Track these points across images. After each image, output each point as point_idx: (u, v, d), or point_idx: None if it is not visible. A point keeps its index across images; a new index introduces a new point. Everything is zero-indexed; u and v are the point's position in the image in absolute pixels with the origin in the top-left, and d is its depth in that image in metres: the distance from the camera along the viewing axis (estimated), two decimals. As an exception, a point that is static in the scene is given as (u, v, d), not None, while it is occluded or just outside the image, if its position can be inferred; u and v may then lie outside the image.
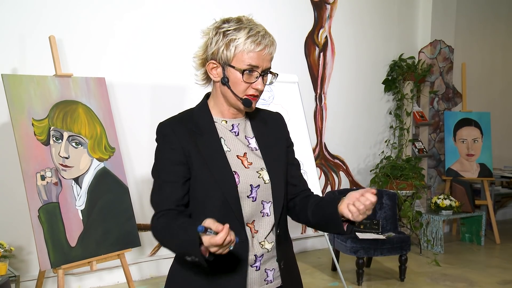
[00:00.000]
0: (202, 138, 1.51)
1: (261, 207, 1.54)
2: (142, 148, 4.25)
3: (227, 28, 1.48)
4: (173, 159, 1.49)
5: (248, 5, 4.71)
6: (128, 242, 3.39)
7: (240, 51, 1.47)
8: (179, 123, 1.54)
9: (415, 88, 5.73)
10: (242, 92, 1.51)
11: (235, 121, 1.59)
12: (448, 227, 6.23)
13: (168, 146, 1.50)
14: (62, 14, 3.87)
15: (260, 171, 1.55)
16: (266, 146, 1.60)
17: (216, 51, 1.50)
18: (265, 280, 1.56)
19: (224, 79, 1.51)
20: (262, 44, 1.47)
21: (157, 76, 4.31)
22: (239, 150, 1.56)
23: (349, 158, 5.55)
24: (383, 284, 4.29)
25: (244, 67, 1.48)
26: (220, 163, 1.50)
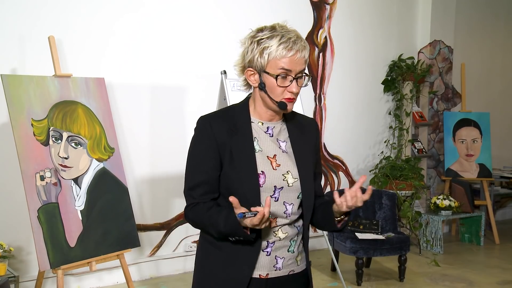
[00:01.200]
0: (236, 137, 1.62)
1: (284, 208, 1.64)
2: (141, 148, 4.25)
3: (261, 37, 1.58)
4: (207, 154, 1.61)
5: (248, 5, 4.71)
6: (127, 242, 3.39)
7: (273, 58, 1.56)
8: (218, 119, 1.65)
9: (414, 89, 5.73)
10: (279, 95, 1.60)
11: (271, 124, 1.68)
12: (447, 228, 6.23)
13: (204, 140, 1.62)
14: (62, 14, 3.87)
15: (286, 174, 1.64)
16: (298, 150, 1.70)
17: (252, 59, 1.60)
18: (274, 266, 1.65)
19: (261, 84, 1.61)
20: (294, 49, 1.55)
21: (156, 77, 4.31)
22: (270, 152, 1.65)
23: (348, 158, 5.55)
24: (383, 285, 4.29)
25: (277, 72, 1.56)
26: (248, 162, 1.60)
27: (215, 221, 1.57)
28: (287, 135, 1.70)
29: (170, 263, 4.34)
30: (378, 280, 4.41)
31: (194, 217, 1.64)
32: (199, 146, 1.63)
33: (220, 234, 1.58)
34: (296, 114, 1.78)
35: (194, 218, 1.64)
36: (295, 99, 1.64)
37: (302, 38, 1.60)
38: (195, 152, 1.64)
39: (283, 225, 1.65)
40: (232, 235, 1.56)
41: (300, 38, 1.59)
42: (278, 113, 1.68)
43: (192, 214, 1.64)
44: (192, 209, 1.64)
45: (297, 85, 1.60)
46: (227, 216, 1.54)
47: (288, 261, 1.68)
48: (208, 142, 1.61)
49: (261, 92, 1.63)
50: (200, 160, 1.62)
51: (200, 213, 1.61)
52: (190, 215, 1.65)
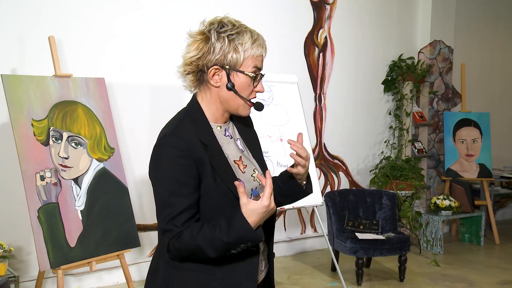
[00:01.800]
0: (209, 150, 1.46)
1: None
2: (141, 148, 4.25)
3: (229, 32, 1.46)
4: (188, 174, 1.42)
5: (248, 5, 4.71)
6: (127, 242, 3.39)
7: (249, 56, 1.47)
8: (186, 132, 1.46)
9: (414, 89, 5.73)
10: (248, 96, 1.51)
11: (225, 125, 1.58)
12: (447, 228, 6.23)
13: (180, 161, 1.41)
14: (62, 14, 3.87)
15: (253, 173, 1.57)
16: (251, 144, 1.63)
17: (221, 57, 1.46)
18: (261, 270, 1.60)
19: (229, 84, 1.48)
20: (264, 47, 1.50)
21: (156, 77, 4.31)
22: (235, 155, 1.55)
23: (348, 158, 5.55)
24: (383, 285, 4.29)
25: (252, 71, 1.48)
26: (229, 173, 1.48)
27: (213, 237, 1.37)
28: (237, 132, 1.61)
29: (170, 263, 4.34)
30: (378, 280, 4.41)
31: (183, 245, 1.40)
32: (177, 167, 1.41)
33: (220, 250, 1.40)
34: None
35: (183, 247, 1.40)
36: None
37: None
38: (174, 175, 1.41)
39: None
40: (239, 242, 1.38)
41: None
42: (232, 114, 1.58)
43: (179, 243, 1.40)
44: (178, 239, 1.40)
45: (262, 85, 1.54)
46: (230, 221, 1.38)
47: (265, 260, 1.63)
48: (187, 162, 1.41)
49: (227, 92, 1.49)
50: (182, 183, 1.41)
51: (190, 238, 1.39)
52: (178, 245, 1.40)
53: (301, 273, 4.56)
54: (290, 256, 5.06)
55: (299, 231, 5.26)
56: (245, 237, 1.38)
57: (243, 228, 1.37)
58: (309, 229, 5.35)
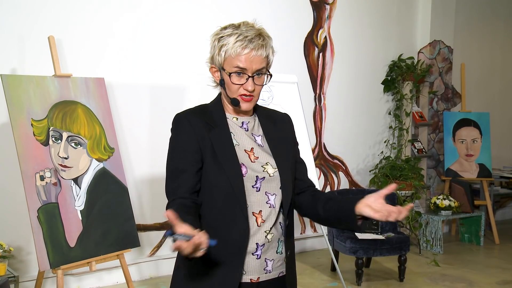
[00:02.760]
0: (214, 131, 1.62)
1: (266, 198, 1.62)
2: (141, 148, 4.25)
3: (222, 34, 1.60)
4: (187, 148, 1.60)
5: (248, 5, 4.71)
6: (127, 242, 3.39)
7: (229, 55, 1.58)
8: (194, 114, 1.65)
9: (414, 89, 5.73)
10: (235, 92, 1.62)
11: (245, 118, 1.70)
12: (447, 228, 6.23)
13: (183, 135, 1.61)
14: (61, 14, 3.87)
15: (265, 165, 1.64)
16: (274, 143, 1.70)
17: (213, 56, 1.63)
18: (264, 269, 1.62)
19: (221, 81, 1.64)
20: (248, 47, 1.56)
21: (156, 77, 4.31)
22: (247, 145, 1.66)
23: (348, 158, 5.55)
24: (383, 285, 4.29)
25: (232, 70, 1.59)
26: (229, 155, 1.60)
27: None
28: (261, 129, 1.71)
29: (170, 263, 4.33)
30: (378, 280, 4.41)
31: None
32: (179, 141, 1.62)
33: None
34: (268, 110, 1.80)
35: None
36: (253, 97, 1.63)
37: (263, 37, 1.59)
38: (176, 146, 1.63)
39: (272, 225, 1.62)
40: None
41: (260, 36, 1.59)
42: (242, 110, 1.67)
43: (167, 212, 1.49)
44: (169, 205, 1.56)
45: (254, 83, 1.60)
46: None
47: (277, 263, 1.65)
48: (188, 136, 1.61)
49: (221, 88, 1.66)
50: (182, 153, 1.60)
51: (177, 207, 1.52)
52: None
53: (301, 273, 4.55)
54: (290, 256, 5.05)
55: (299, 231, 5.26)
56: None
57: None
58: (309, 229, 5.35)
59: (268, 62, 1.64)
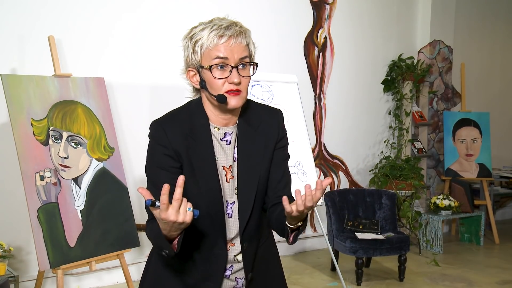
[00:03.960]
0: (195, 144, 1.46)
1: (237, 223, 1.53)
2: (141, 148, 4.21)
3: (193, 32, 1.45)
4: (164, 164, 1.45)
5: (248, 5, 4.71)
6: (127, 242, 3.39)
7: (206, 49, 1.41)
8: (173, 123, 1.48)
9: (414, 88, 5.73)
10: (219, 89, 1.42)
11: (228, 129, 1.51)
12: (447, 227, 6.23)
13: (159, 149, 1.45)
14: (61, 14, 3.87)
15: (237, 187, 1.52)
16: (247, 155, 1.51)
17: (187, 58, 1.47)
18: (234, 287, 1.59)
19: (201, 83, 1.46)
20: (226, 35, 1.40)
21: (156, 76, 4.31)
22: (225, 161, 1.51)
23: (348, 158, 5.55)
24: (382, 284, 4.29)
25: (212, 62, 1.41)
26: (210, 175, 1.46)
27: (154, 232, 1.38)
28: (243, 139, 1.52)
29: (170, 263, 4.34)
30: (378, 279, 4.41)
31: (148, 233, 1.44)
32: (156, 155, 1.46)
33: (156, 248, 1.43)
34: (257, 107, 1.59)
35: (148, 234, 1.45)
36: (241, 92, 1.43)
37: (238, 24, 1.44)
38: (153, 161, 1.47)
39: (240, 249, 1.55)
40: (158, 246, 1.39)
41: (236, 23, 1.43)
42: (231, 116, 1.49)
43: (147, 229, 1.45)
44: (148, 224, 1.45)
45: (239, 75, 1.41)
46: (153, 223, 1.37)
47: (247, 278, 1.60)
48: (165, 151, 1.44)
49: (205, 92, 1.47)
50: (158, 171, 1.45)
51: (149, 229, 1.43)
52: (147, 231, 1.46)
53: (300, 273, 4.56)
54: (290, 256, 5.06)
55: (299, 231, 5.25)
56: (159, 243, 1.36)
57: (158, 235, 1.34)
58: (309, 229, 5.35)
59: (250, 53, 1.45)
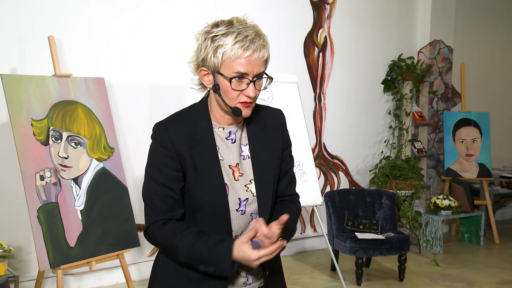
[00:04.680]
0: (198, 146, 1.47)
1: (250, 219, 1.54)
2: (141, 148, 4.22)
3: (215, 33, 1.42)
4: (165, 165, 1.46)
5: (248, 4, 4.71)
6: (127, 242, 3.39)
7: (228, 58, 1.40)
8: (177, 125, 1.49)
9: (414, 88, 5.73)
10: (234, 99, 1.44)
11: (233, 128, 1.54)
12: (447, 227, 6.23)
13: (162, 151, 1.46)
14: (61, 14, 3.87)
15: (249, 184, 1.53)
16: (259, 154, 1.55)
17: (205, 58, 1.44)
18: (244, 284, 1.58)
19: (215, 86, 1.46)
20: (250, 49, 1.39)
21: (156, 76, 4.31)
22: (232, 160, 1.52)
23: (348, 158, 5.55)
24: (382, 284, 4.29)
25: (232, 75, 1.41)
26: (213, 175, 1.47)
27: (193, 245, 1.42)
28: (248, 138, 1.55)
29: (170, 263, 4.34)
30: (378, 279, 4.41)
31: (162, 236, 1.46)
32: (158, 156, 1.47)
33: (192, 260, 1.44)
34: (259, 109, 1.60)
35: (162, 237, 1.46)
36: (253, 103, 1.48)
37: (261, 36, 1.43)
38: (154, 163, 1.48)
39: None
40: (213, 264, 1.41)
41: (259, 35, 1.42)
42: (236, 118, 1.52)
43: (160, 233, 1.46)
44: (160, 228, 1.46)
45: (255, 88, 1.44)
46: (218, 242, 1.41)
47: (258, 275, 1.60)
48: (167, 152, 1.45)
49: (215, 94, 1.48)
50: (160, 172, 1.46)
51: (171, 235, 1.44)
52: (158, 233, 1.46)
53: (300, 273, 4.56)
54: (290, 256, 5.06)
55: (299, 230, 5.26)
56: (220, 263, 1.41)
57: (225, 254, 1.40)
58: (309, 229, 5.35)
59: (266, 66, 1.47)
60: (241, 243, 1.40)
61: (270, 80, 1.49)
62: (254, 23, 1.47)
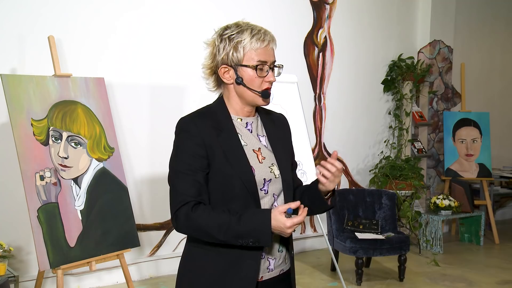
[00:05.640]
0: (222, 134, 1.61)
1: (273, 199, 1.65)
2: (141, 148, 4.25)
3: (230, 33, 1.61)
4: (195, 153, 1.57)
5: (248, 5, 4.71)
6: (127, 242, 3.39)
7: (249, 50, 1.60)
8: (200, 118, 1.63)
9: (414, 88, 5.73)
10: (258, 87, 1.64)
11: (249, 119, 1.71)
12: (447, 227, 6.23)
13: (190, 140, 1.59)
14: (61, 14, 3.87)
15: (271, 166, 1.66)
16: (276, 144, 1.72)
17: (225, 56, 1.62)
18: (267, 268, 1.66)
19: (238, 79, 1.63)
20: (266, 40, 1.62)
21: (156, 76, 4.31)
22: (254, 145, 1.67)
23: (348, 158, 5.55)
24: (382, 284, 4.29)
25: (256, 63, 1.61)
26: (240, 157, 1.61)
27: (229, 220, 1.51)
28: (264, 129, 1.73)
29: (169, 263, 4.34)
30: (378, 279, 4.41)
31: (195, 218, 1.53)
32: (187, 145, 1.59)
33: (230, 236, 1.52)
34: (267, 110, 1.81)
35: (195, 219, 1.53)
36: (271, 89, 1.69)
37: (269, 31, 1.66)
38: (184, 151, 1.59)
39: None
40: (250, 235, 1.51)
41: (268, 30, 1.65)
42: (253, 109, 1.71)
43: (194, 214, 1.53)
44: (193, 210, 1.53)
45: (273, 74, 1.67)
46: (255, 214, 1.53)
47: (279, 261, 1.69)
48: (196, 141, 1.58)
49: (238, 87, 1.65)
50: (191, 159, 1.58)
51: (206, 215, 1.53)
52: (192, 215, 1.53)
53: (301, 273, 4.56)
54: (290, 256, 5.05)
55: (299, 230, 5.26)
56: (259, 234, 1.51)
57: (263, 224, 1.50)
58: (309, 229, 5.35)
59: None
60: (278, 213, 1.50)
61: (281, 67, 1.72)
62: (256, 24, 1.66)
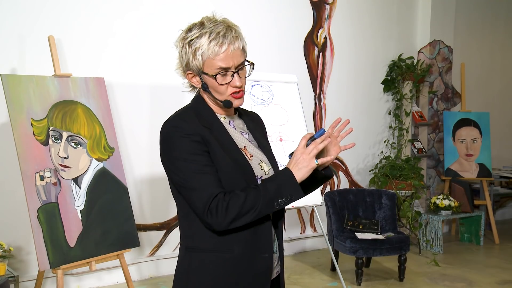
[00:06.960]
0: (213, 131, 1.53)
1: None
2: (141, 148, 4.25)
3: (190, 38, 1.50)
4: (197, 150, 1.47)
5: (248, 5, 4.71)
6: (127, 242, 3.39)
7: (207, 58, 1.49)
8: (189, 116, 1.53)
9: (414, 88, 5.73)
10: (224, 93, 1.53)
11: (230, 118, 1.65)
12: (447, 227, 6.23)
13: (189, 139, 1.47)
14: (61, 14, 3.87)
15: (260, 163, 1.61)
16: (260, 141, 1.67)
17: (188, 62, 1.53)
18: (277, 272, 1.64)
19: (203, 85, 1.55)
20: (225, 43, 1.48)
21: (156, 76, 4.31)
22: (240, 143, 1.60)
23: (348, 158, 5.55)
24: (382, 284, 4.29)
25: (215, 72, 1.50)
26: (238, 154, 1.54)
27: (261, 190, 1.44)
28: (246, 127, 1.67)
29: (169, 263, 4.34)
30: (378, 279, 4.41)
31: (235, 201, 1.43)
32: (186, 145, 1.47)
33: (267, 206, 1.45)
34: (242, 108, 1.74)
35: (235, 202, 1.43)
36: (243, 91, 1.57)
37: (232, 28, 1.51)
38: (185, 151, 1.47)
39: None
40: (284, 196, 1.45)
41: (230, 28, 1.50)
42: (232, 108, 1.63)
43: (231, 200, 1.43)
44: (226, 196, 1.44)
45: (240, 78, 1.53)
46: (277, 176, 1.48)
47: (274, 263, 1.63)
48: (194, 138, 1.47)
49: (206, 93, 1.57)
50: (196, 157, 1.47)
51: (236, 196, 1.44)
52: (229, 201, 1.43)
53: (300, 273, 4.56)
54: (290, 255, 5.06)
55: (299, 231, 5.26)
56: (292, 190, 1.46)
57: (290, 179, 1.46)
58: (309, 229, 5.35)
59: (245, 54, 1.55)
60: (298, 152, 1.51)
61: (252, 66, 1.57)
62: (224, 18, 1.54)
